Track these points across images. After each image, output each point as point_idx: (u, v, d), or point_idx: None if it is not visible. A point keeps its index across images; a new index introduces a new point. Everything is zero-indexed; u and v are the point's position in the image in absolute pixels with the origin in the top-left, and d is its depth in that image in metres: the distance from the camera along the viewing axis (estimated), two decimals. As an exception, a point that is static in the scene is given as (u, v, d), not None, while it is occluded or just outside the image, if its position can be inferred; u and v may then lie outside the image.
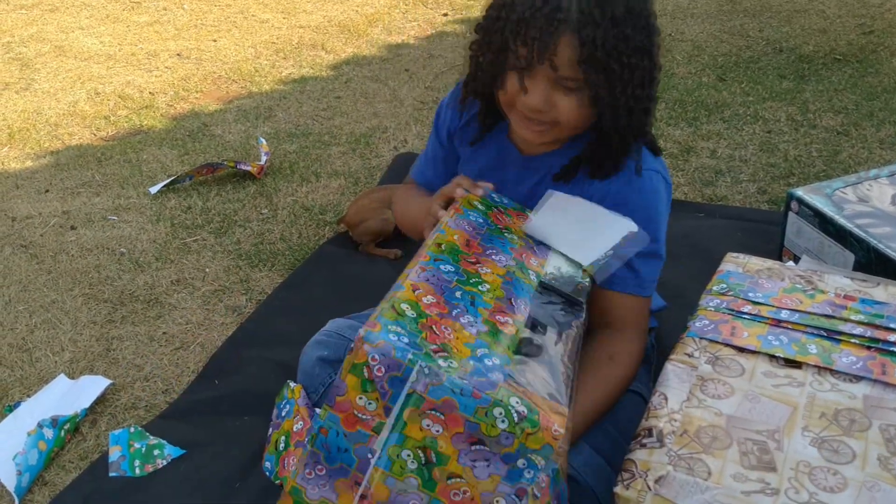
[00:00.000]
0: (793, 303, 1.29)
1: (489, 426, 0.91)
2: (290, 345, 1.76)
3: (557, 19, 1.09)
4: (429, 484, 0.96)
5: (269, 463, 1.46)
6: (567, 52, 1.11)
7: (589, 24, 1.09)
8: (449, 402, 0.91)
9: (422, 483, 0.96)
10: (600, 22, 1.09)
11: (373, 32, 4.13)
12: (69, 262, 2.24)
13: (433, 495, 0.96)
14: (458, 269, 1.09)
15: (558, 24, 1.09)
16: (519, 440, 0.91)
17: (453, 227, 1.17)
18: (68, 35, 4.21)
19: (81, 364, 1.84)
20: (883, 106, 2.91)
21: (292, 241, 2.29)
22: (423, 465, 0.94)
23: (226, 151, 2.89)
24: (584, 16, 1.09)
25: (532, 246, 1.20)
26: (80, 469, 1.57)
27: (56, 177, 2.76)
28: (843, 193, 1.83)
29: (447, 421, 0.92)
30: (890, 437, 1.04)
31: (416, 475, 0.95)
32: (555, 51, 1.10)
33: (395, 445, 0.94)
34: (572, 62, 1.11)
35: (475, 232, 1.18)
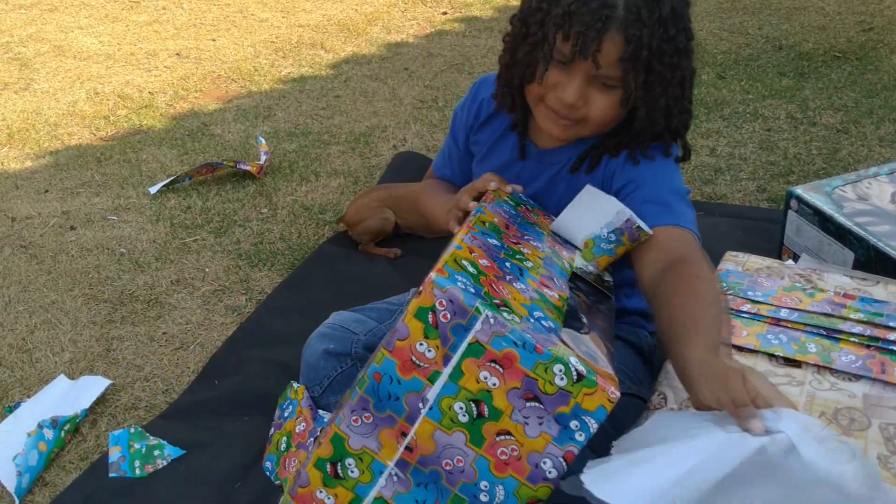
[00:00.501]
0: (792, 301, 1.29)
1: (547, 382, 0.90)
2: (290, 344, 1.76)
3: (605, 15, 1.07)
4: (477, 439, 0.94)
5: (270, 463, 1.46)
6: (612, 50, 1.09)
7: (636, 22, 1.08)
8: (510, 354, 0.90)
9: (469, 438, 0.95)
10: (647, 21, 1.08)
11: (372, 31, 4.13)
12: (69, 263, 2.24)
13: (479, 452, 0.95)
14: (502, 244, 1.09)
15: (605, 20, 1.07)
16: (575, 400, 0.91)
17: (491, 210, 1.17)
18: (67, 35, 4.21)
19: (81, 364, 1.84)
20: (883, 103, 2.91)
21: (292, 241, 2.29)
22: (474, 420, 0.94)
23: (225, 151, 2.89)
24: (631, 14, 1.08)
25: (560, 242, 1.21)
26: (80, 470, 1.57)
27: (55, 177, 2.76)
28: (843, 191, 1.83)
29: (505, 374, 0.91)
30: (889, 436, 1.04)
31: (464, 429, 0.94)
32: (599, 47, 1.09)
33: (449, 396, 0.93)
34: (615, 60, 1.10)
35: (511, 219, 1.18)
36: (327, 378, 1.40)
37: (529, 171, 1.34)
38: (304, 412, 1.40)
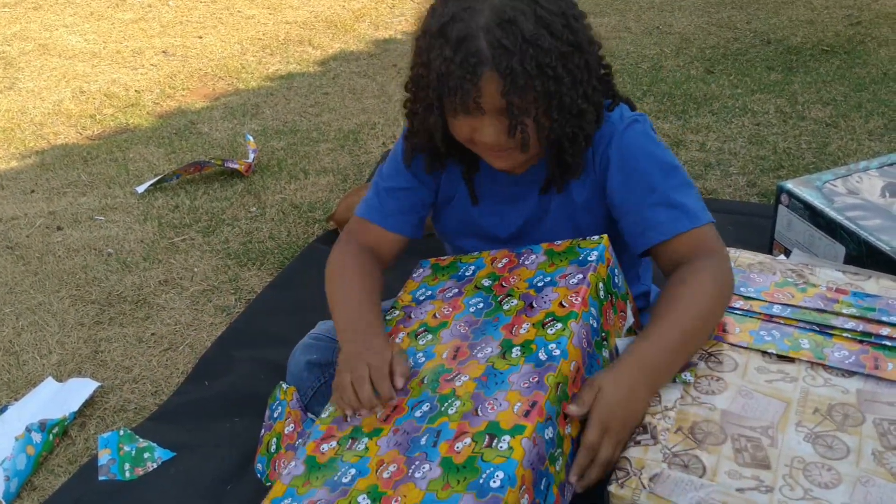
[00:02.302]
0: (784, 297, 1.29)
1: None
2: (280, 344, 1.74)
3: (472, 64, 1.06)
4: None
5: (261, 465, 1.45)
6: (491, 89, 1.08)
7: (503, 54, 1.06)
8: None
9: None
10: (514, 48, 1.06)
11: (360, 27, 4.11)
12: (56, 264, 2.22)
13: None
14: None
15: (474, 67, 1.06)
16: None
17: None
18: (52, 33, 4.17)
19: (69, 366, 1.83)
20: (871, 97, 2.92)
21: (281, 240, 2.27)
22: None
23: (213, 149, 2.87)
24: (496, 49, 1.06)
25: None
26: (69, 473, 1.55)
27: (42, 177, 2.73)
28: (833, 186, 1.83)
29: None
30: (884, 432, 1.04)
31: None
32: (479, 93, 1.08)
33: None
34: (498, 96, 1.09)
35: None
36: (311, 389, 1.39)
37: (514, 196, 1.31)
38: (293, 413, 1.39)
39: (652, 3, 4.12)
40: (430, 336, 1.17)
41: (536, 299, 1.14)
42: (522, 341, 1.08)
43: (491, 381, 1.05)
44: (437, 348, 1.14)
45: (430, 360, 1.13)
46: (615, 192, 1.24)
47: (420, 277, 1.30)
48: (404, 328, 1.21)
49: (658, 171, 1.21)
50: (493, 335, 1.12)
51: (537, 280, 1.18)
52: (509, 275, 1.22)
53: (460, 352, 1.12)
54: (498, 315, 1.15)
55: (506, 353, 1.08)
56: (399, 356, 1.14)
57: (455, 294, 1.23)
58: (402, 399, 1.09)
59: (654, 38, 3.67)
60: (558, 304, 1.11)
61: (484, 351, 1.10)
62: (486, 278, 1.23)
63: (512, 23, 1.06)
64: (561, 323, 1.08)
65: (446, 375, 1.09)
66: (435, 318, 1.20)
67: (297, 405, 1.41)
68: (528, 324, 1.11)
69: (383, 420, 1.07)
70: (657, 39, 3.65)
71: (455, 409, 1.03)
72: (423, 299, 1.25)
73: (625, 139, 1.22)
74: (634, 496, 1.00)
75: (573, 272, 1.15)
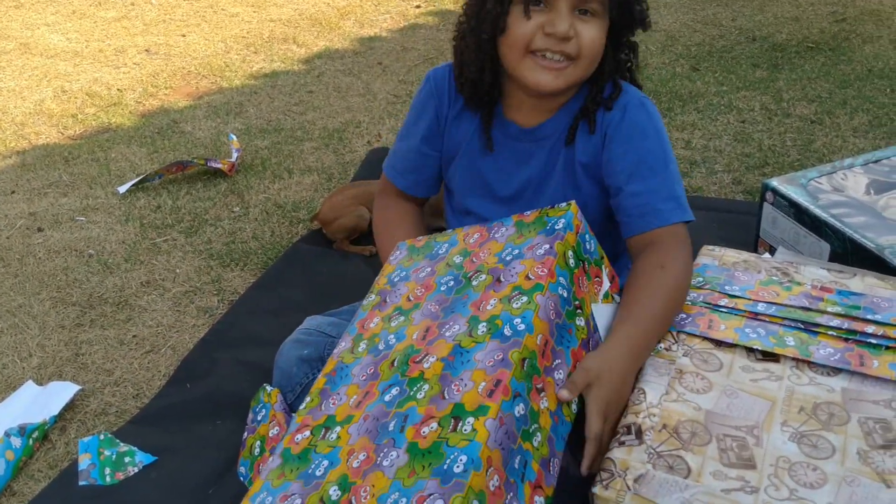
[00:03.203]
0: (769, 295, 1.28)
1: None
2: (263, 346, 1.73)
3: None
4: None
5: (244, 468, 1.43)
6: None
7: None
8: None
9: None
10: None
11: (345, 25, 4.09)
12: (36, 265, 2.19)
13: None
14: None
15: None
16: None
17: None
18: (34, 32, 4.13)
19: (50, 369, 1.80)
20: (856, 94, 2.92)
21: (265, 240, 2.25)
22: None
23: (196, 149, 2.84)
24: None
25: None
26: (49, 478, 1.53)
27: (22, 177, 2.70)
28: (818, 183, 1.83)
29: None
30: (869, 431, 1.03)
31: None
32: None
33: None
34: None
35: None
36: (300, 385, 1.38)
37: (522, 152, 1.33)
38: (277, 416, 1.37)
39: (637, 1, 4.12)
40: (402, 318, 1.15)
41: (504, 272, 1.12)
42: (489, 317, 1.06)
43: (457, 360, 1.03)
44: (409, 329, 1.12)
45: (401, 341, 1.11)
46: (614, 160, 1.27)
47: (396, 260, 1.28)
48: (380, 313, 1.19)
49: (663, 157, 1.26)
50: (461, 312, 1.10)
51: (505, 253, 1.16)
52: (479, 250, 1.20)
53: (429, 332, 1.10)
54: (467, 292, 1.13)
55: (472, 331, 1.06)
56: None
57: (428, 274, 1.21)
58: (372, 384, 1.07)
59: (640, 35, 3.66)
60: (524, 276, 1.09)
61: (452, 329, 1.08)
62: (458, 255, 1.21)
63: None
64: (526, 296, 1.06)
65: (415, 357, 1.07)
66: (409, 300, 1.18)
67: (281, 407, 1.40)
68: (496, 299, 1.09)
69: (355, 406, 1.06)
70: (642, 37, 3.62)
71: (423, 393, 1.01)
72: (397, 281, 1.23)
73: (639, 114, 1.27)
74: (619, 497, 0.99)
75: (540, 242, 1.13)
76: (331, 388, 1.12)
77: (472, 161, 1.36)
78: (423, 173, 1.43)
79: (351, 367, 1.13)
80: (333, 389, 1.11)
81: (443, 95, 1.35)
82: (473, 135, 1.35)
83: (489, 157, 1.35)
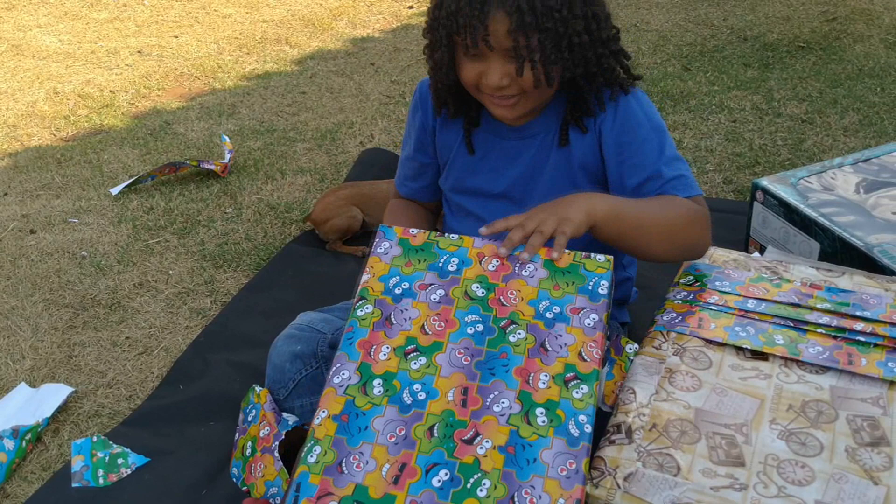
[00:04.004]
0: (759, 292, 1.29)
1: None
2: (256, 347, 1.73)
3: (480, 2, 1.14)
4: None
5: (237, 469, 1.43)
6: (500, 28, 1.15)
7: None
8: None
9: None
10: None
11: (337, 26, 4.09)
12: (29, 267, 2.19)
13: None
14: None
15: (482, 6, 1.14)
16: None
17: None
18: (26, 33, 4.12)
19: (43, 371, 1.80)
20: (846, 93, 2.94)
21: (257, 241, 2.26)
22: None
23: (189, 150, 2.84)
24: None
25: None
26: (42, 480, 1.53)
27: (15, 179, 2.69)
28: (808, 182, 1.84)
29: None
30: (857, 428, 1.04)
31: None
32: (487, 31, 1.15)
33: None
34: (505, 35, 1.15)
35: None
36: (292, 381, 1.38)
37: (511, 150, 1.36)
38: (267, 416, 1.37)
39: (629, 1, 4.13)
40: (424, 360, 1.07)
41: (549, 337, 1.08)
42: (545, 400, 1.02)
43: (520, 455, 0.97)
44: (438, 382, 1.05)
45: (433, 399, 1.03)
46: (614, 156, 1.29)
47: (389, 257, 1.18)
48: (386, 338, 1.10)
49: (658, 143, 1.29)
50: (504, 380, 1.04)
51: (543, 306, 1.11)
52: (505, 286, 1.13)
53: (469, 396, 1.03)
54: (504, 349, 1.07)
55: (529, 415, 1.00)
56: None
57: (441, 298, 1.13)
58: (408, 454, 0.98)
59: (632, 35, 3.68)
60: (577, 353, 1.06)
61: (500, 403, 1.02)
62: (477, 284, 1.14)
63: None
64: (586, 386, 1.03)
65: (461, 432, 1.00)
66: (424, 333, 1.09)
67: (270, 407, 1.40)
68: (547, 375, 1.04)
69: (391, 482, 0.96)
70: (634, 37, 3.65)
71: (486, 490, 0.95)
72: (399, 294, 1.13)
73: (629, 106, 1.29)
74: (609, 496, 0.99)
75: (586, 307, 1.10)
76: (348, 440, 1.01)
77: (463, 163, 1.40)
78: (422, 180, 1.49)
79: (369, 416, 1.02)
80: (352, 444, 1.00)
81: (427, 106, 1.40)
82: (462, 138, 1.39)
83: (477, 157, 1.39)
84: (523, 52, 1.16)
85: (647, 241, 1.23)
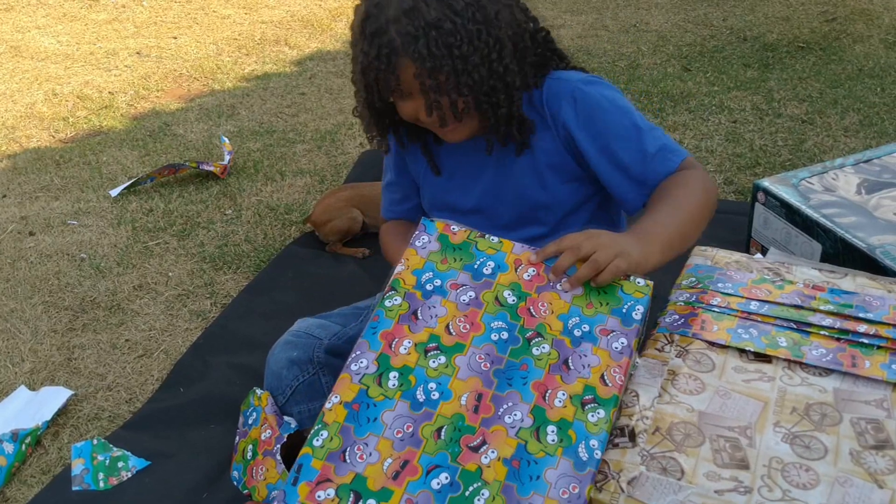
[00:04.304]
0: (762, 293, 1.29)
1: None
2: (256, 349, 1.73)
3: (385, 55, 1.15)
4: None
5: (237, 472, 1.43)
6: (407, 75, 1.17)
7: (411, 40, 1.14)
8: None
9: None
10: (419, 33, 1.14)
11: (337, 27, 4.09)
12: (28, 270, 2.18)
13: None
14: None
15: (388, 57, 1.15)
16: None
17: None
18: (24, 35, 4.11)
19: (42, 374, 1.80)
20: (847, 93, 2.93)
21: (257, 242, 2.25)
22: None
23: (188, 151, 2.83)
24: (404, 36, 1.14)
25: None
26: (42, 484, 1.52)
27: (14, 181, 2.69)
28: (809, 183, 1.83)
29: None
30: (861, 431, 1.04)
31: None
32: (398, 80, 1.17)
33: None
34: (413, 79, 1.17)
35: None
36: (289, 387, 1.38)
37: (476, 164, 1.36)
38: (269, 419, 1.37)
39: (629, 1, 4.12)
40: (444, 359, 1.06)
41: (573, 356, 1.06)
42: (559, 419, 1.00)
43: (524, 470, 0.96)
44: (454, 384, 1.03)
45: (446, 400, 1.02)
46: (589, 149, 1.28)
47: (426, 252, 1.16)
48: (410, 332, 1.08)
49: (629, 122, 1.27)
50: (521, 391, 1.03)
51: (572, 323, 1.09)
52: (538, 297, 1.12)
53: (483, 403, 1.02)
54: (526, 360, 1.06)
55: (539, 432, 0.99)
56: None
57: (472, 300, 1.12)
58: (412, 452, 0.97)
59: (631, 35, 3.68)
60: (599, 376, 1.04)
61: (512, 415, 1.01)
62: (510, 291, 1.12)
63: (414, 10, 1.14)
64: (603, 410, 1.01)
65: (469, 438, 0.98)
66: (449, 332, 1.08)
67: (272, 410, 1.39)
68: (564, 394, 1.02)
69: (391, 478, 0.95)
70: (634, 37, 3.65)
71: (483, 501, 0.93)
72: (430, 290, 1.12)
73: (587, 96, 1.28)
74: (613, 500, 0.99)
75: (616, 330, 1.09)
76: (355, 430, 1.00)
77: (433, 183, 1.41)
78: (409, 202, 1.49)
79: (380, 408, 1.02)
80: (359, 434, 0.99)
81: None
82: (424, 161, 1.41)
83: (445, 177, 1.39)
84: (430, 92, 1.18)
85: (692, 238, 1.25)
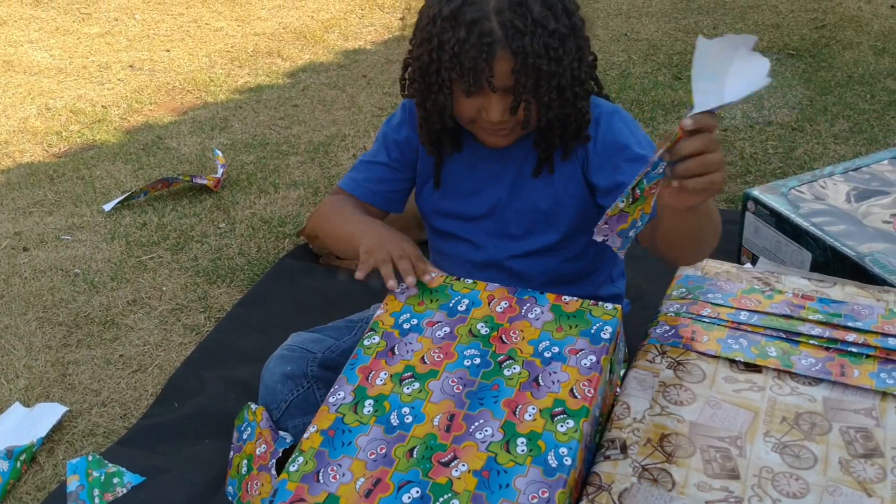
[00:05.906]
0: (751, 303, 1.30)
1: None
2: (251, 363, 1.73)
3: (486, 44, 1.13)
4: None
5: (232, 487, 1.43)
6: (504, 68, 1.15)
7: (516, 35, 1.13)
8: None
9: None
10: (525, 29, 1.13)
11: (329, 38, 4.10)
12: (22, 285, 2.18)
13: None
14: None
15: (489, 47, 1.13)
16: None
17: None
18: (17, 49, 4.12)
19: (37, 391, 1.80)
20: (836, 100, 2.95)
21: (251, 256, 2.26)
22: None
23: (181, 165, 2.84)
24: (508, 29, 1.13)
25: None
26: (37, 501, 1.52)
27: (7, 196, 2.69)
28: (799, 192, 1.85)
29: None
30: (850, 440, 1.05)
31: None
32: (492, 72, 1.15)
33: None
34: (508, 74, 1.15)
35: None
36: (284, 402, 1.38)
37: (490, 172, 1.36)
38: (263, 434, 1.37)
39: (619, 10, 4.14)
40: (418, 385, 1.09)
41: (543, 374, 1.08)
42: (528, 431, 1.01)
43: (493, 480, 0.97)
44: (427, 407, 1.06)
45: (419, 423, 1.04)
46: (602, 172, 1.28)
47: (404, 297, 1.24)
48: (386, 365, 1.13)
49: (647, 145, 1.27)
50: (492, 409, 1.05)
51: (542, 345, 1.12)
52: (510, 326, 1.16)
53: (454, 423, 1.04)
54: (497, 381, 1.08)
55: (509, 444, 1.00)
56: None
57: (447, 335, 1.16)
58: (385, 471, 0.99)
59: (622, 44, 3.70)
60: (569, 390, 1.06)
61: (483, 431, 1.02)
62: (483, 323, 1.17)
63: (522, 5, 1.13)
64: (573, 420, 1.02)
65: (440, 455, 1.00)
66: (424, 362, 1.12)
67: (267, 425, 1.40)
68: (535, 408, 1.04)
69: (363, 496, 0.96)
70: (625, 46, 3.67)
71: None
72: (407, 329, 1.18)
73: (611, 123, 1.30)
74: (605, 512, 1.00)
75: (585, 350, 1.10)
76: (330, 453, 1.02)
77: (440, 192, 1.41)
78: (386, 185, 1.43)
79: (355, 433, 1.04)
80: (333, 456, 1.02)
81: (415, 125, 1.38)
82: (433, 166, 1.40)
83: (458, 181, 1.39)
84: (521, 90, 1.16)
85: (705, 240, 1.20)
